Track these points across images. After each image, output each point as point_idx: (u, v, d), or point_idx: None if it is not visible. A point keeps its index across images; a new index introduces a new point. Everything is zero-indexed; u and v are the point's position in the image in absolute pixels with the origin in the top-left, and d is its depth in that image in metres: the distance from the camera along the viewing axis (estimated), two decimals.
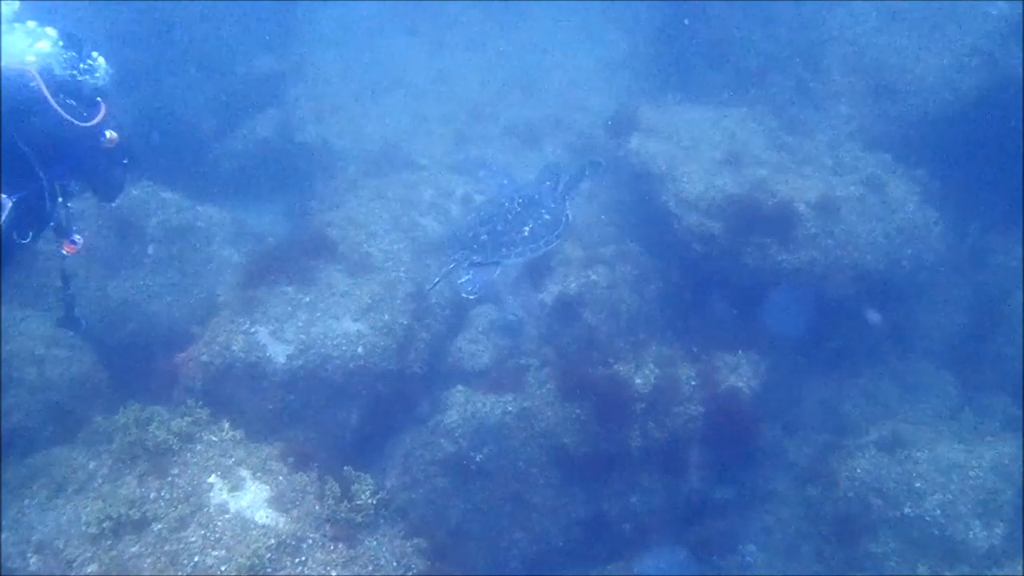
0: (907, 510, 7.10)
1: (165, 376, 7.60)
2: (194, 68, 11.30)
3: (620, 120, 9.75)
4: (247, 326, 7.49)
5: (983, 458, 7.27)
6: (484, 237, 7.13)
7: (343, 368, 7.43)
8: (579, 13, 13.34)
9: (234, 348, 7.31)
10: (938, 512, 7.02)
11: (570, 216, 7.51)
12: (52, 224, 5.67)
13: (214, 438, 6.30)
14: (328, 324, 7.58)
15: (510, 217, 7.19)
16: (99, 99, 5.84)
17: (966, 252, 9.45)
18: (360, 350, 7.51)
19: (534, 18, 13.16)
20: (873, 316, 8.46)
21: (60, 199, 5.66)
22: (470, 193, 9.39)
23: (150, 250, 8.65)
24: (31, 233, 5.48)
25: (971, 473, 7.15)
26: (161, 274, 8.64)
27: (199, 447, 6.20)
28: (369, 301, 7.80)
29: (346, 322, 7.64)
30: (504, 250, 7.06)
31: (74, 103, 5.65)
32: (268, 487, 5.96)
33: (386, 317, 7.77)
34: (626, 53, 12.38)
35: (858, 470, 7.44)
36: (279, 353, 7.37)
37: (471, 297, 6.99)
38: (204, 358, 7.39)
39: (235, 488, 5.90)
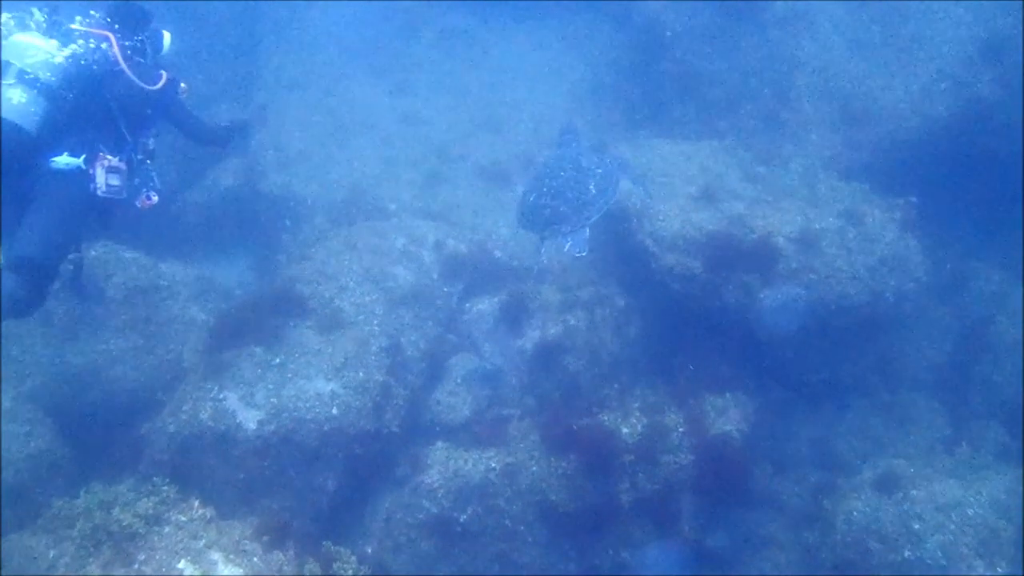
0: (907, 553, 6.88)
1: (130, 448, 7.27)
2: None
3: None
4: (215, 392, 7.17)
5: (981, 494, 7.09)
6: (563, 208, 7.22)
7: (317, 431, 7.12)
8: (542, 49, 13.22)
9: (202, 417, 6.99)
10: (939, 554, 6.82)
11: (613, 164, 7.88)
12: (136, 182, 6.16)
13: (183, 518, 5.97)
14: (300, 385, 7.29)
15: (572, 183, 7.39)
16: (162, 72, 6.24)
17: (947, 279, 9.35)
18: (335, 411, 7.22)
19: (497, 56, 13.01)
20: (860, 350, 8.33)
21: (147, 160, 6.21)
22: (443, 239, 9.14)
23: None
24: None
25: (970, 511, 6.96)
26: (123, 337, 8.27)
27: (167, 529, 5.86)
28: (342, 359, 7.52)
29: (319, 382, 7.35)
30: (585, 212, 7.24)
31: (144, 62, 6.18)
32: (242, 571, 5.63)
33: (360, 375, 7.49)
34: (592, 88, 12.25)
35: (854, 513, 7.23)
36: (250, 419, 7.06)
37: (583, 254, 7.17)
38: (171, 428, 7.06)
39: (207, 574, 5.56)
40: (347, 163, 10.99)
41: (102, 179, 5.67)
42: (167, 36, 6.49)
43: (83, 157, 5.63)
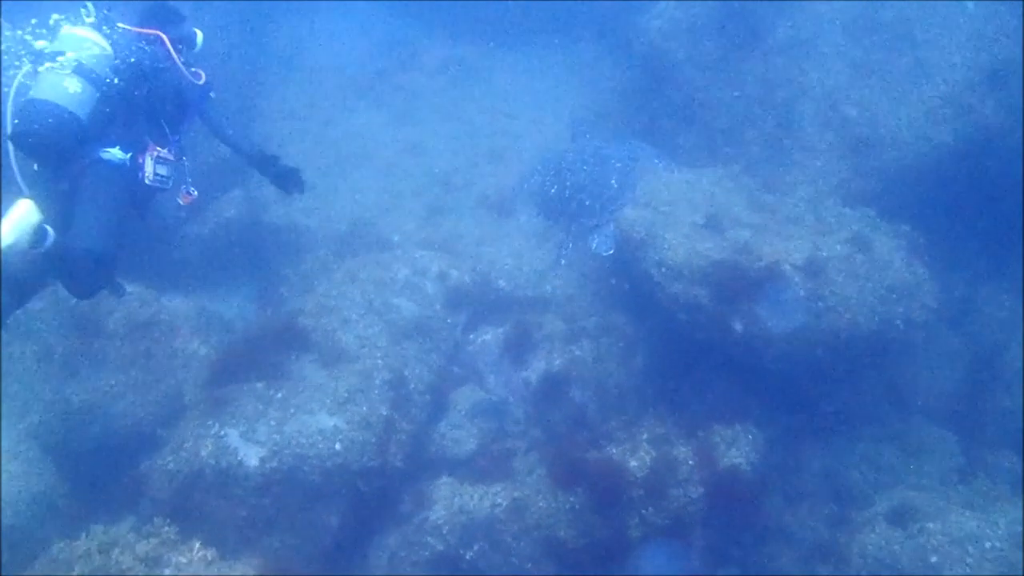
0: None
1: (130, 486, 7.17)
2: None
3: None
4: (216, 429, 7.08)
5: (997, 526, 6.94)
6: (588, 202, 7.28)
7: (320, 467, 7.01)
8: (544, 77, 13.24)
9: (203, 454, 6.89)
10: None
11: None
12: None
13: (183, 560, 5.84)
14: (303, 421, 7.18)
15: (594, 178, 7.40)
16: (199, 70, 6.52)
17: (956, 306, 9.24)
18: (338, 447, 7.11)
19: (499, 85, 13.02)
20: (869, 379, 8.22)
21: (183, 157, 6.38)
22: (446, 270, 9.06)
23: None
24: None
25: (987, 544, 6.81)
26: (124, 373, 8.17)
27: (167, 572, 5.73)
28: (345, 393, 7.42)
29: (322, 417, 7.24)
30: (611, 206, 7.22)
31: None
32: None
33: (364, 409, 7.38)
34: (595, 115, 12.19)
35: (869, 546, 7.09)
36: (251, 456, 6.95)
37: (611, 252, 7.22)
38: (171, 466, 6.96)
39: None
40: (349, 194, 10.96)
41: (151, 168, 5.92)
42: (199, 35, 6.69)
43: (129, 155, 5.85)
